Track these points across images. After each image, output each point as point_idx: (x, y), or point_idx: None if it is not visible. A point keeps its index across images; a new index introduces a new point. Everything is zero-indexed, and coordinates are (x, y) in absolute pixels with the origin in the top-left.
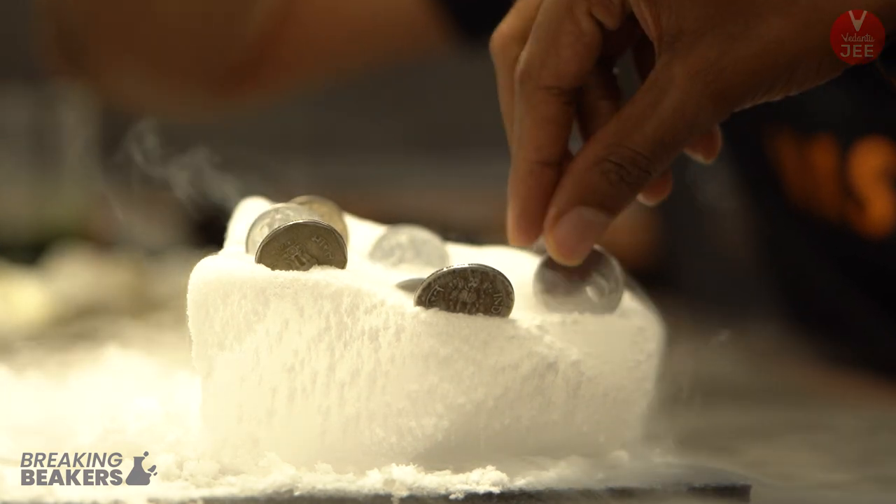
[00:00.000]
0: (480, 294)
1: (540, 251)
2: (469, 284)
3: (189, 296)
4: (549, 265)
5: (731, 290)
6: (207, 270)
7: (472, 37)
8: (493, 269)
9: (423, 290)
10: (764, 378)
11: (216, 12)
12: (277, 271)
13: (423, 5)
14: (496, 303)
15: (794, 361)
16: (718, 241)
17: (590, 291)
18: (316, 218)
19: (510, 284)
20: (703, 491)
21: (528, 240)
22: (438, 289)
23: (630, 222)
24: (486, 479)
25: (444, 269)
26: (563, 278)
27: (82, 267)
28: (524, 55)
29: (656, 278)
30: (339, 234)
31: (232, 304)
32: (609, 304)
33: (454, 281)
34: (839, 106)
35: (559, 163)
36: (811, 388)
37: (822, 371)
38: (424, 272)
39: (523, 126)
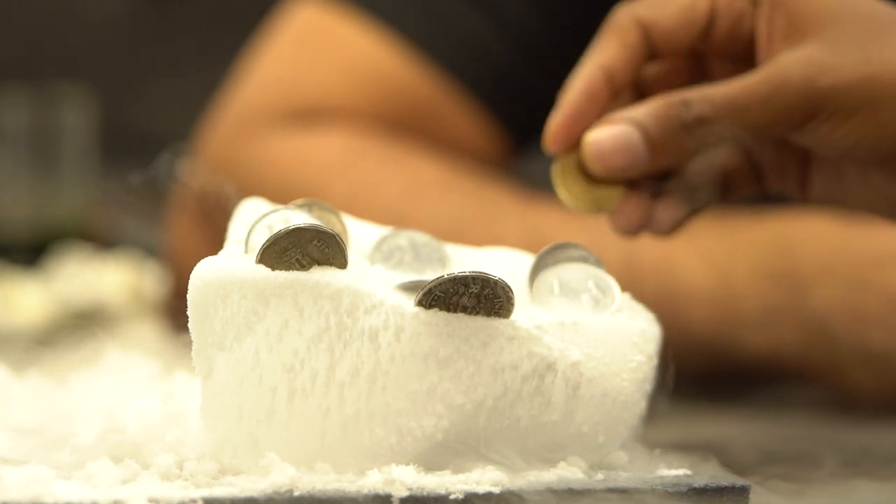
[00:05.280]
0: (481, 299)
1: None
2: (470, 290)
3: (189, 296)
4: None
5: None
6: (207, 270)
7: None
8: (494, 276)
9: (424, 294)
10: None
11: None
12: (277, 271)
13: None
14: (497, 307)
15: None
16: None
17: (585, 297)
18: (317, 221)
19: (511, 290)
20: (703, 491)
21: (562, 140)
22: (439, 294)
23: None
24: (485, 479)
25: (445, 276)
26: None
27: (82, 267)
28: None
29: None
30: (340, 237)
31: (232, 305)
32: (605, 307)
33: (455, 287)
34: None
35: (618, 92)
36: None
37: None
38: (424, 274)
39: (601, 42)
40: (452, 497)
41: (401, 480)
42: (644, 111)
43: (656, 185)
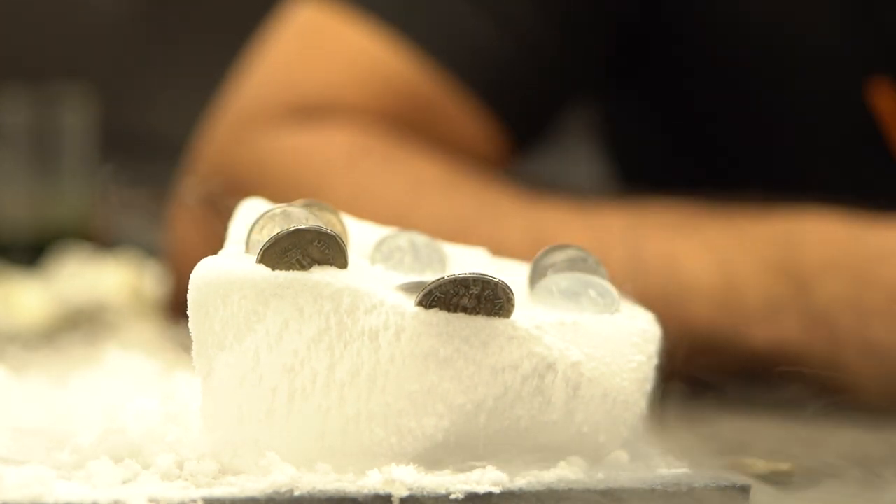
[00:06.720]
0: (481, 300)
1: None
2: (470, 292)
3: (189, 295)
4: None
5: None
6: (207, 270)
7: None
8: (495, 277)
9: (424, 296)
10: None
11: None
12: (278, 271)
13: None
14: (497, 308)
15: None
16: None
17: (584, 300)
18: (318, 222)
19: (511, 291)
20: (704, 491)
21: None
22: (439, 295)
23: None
24: (486, 478)
25: (446, 277)
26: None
27: (82, 267)
28: None
29: None
30: (341, 239)
31: (232, 305)
32: (605, 308)
33: (455, 288)
34: None
35: None
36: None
37: None
38: (424, 275)
39: None
40: (452, 497)
41: (401, 480)
42: None
43: None
